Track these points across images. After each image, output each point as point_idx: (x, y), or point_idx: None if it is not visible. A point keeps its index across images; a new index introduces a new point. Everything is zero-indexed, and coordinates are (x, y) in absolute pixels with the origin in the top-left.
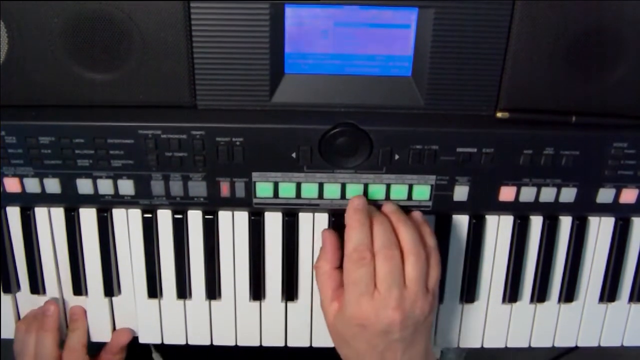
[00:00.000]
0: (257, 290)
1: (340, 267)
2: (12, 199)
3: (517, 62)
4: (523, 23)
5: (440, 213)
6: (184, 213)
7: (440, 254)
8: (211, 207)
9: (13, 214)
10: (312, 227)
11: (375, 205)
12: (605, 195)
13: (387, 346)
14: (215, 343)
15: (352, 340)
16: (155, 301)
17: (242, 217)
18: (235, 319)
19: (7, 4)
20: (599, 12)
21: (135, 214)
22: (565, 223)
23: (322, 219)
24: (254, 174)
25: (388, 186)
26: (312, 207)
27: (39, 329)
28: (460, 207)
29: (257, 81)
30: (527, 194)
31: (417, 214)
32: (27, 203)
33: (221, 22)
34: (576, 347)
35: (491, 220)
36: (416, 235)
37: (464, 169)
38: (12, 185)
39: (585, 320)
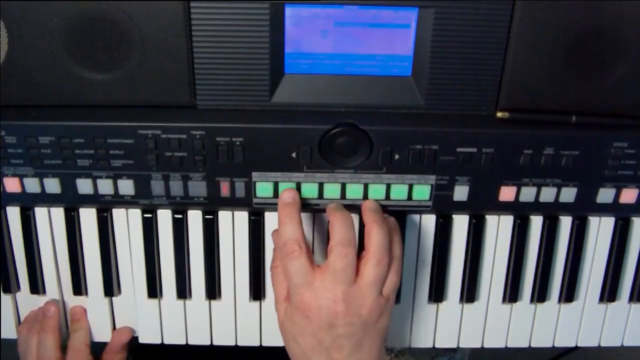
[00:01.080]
0: (257, 290)
1: None
2: (12, 199)
3: (517, 62)
4: (523, 23)
5: (440, 213)
6: (184, 213)
7: (441, 254)
8: (211, 207)
9: (13, 214)
10: (312, 227)
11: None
12: (605, 195)
13: (332, 342)
14: (215, 343)
15: (299, 336)
16: (155, 301)
17: (242, 217)
18: (235, 319)
19: (7, 4)
20: (599, 12)
21: (135, 214)
22: (566, 223)
23: (322, 219)
24: (254, 173)
25: (388, 186)
26: (312, 207)
27: (40, 330)
28: (460, 207)
29: (257, 81)
30: (527, 194)
31: (392, 220)
32: (27, 203)
33: (221, 22)
34: (576, 347)
35: (491, 220)
36: (386, 240)
37: (464, 169)
38: (12, 185)
39: (586, 320)
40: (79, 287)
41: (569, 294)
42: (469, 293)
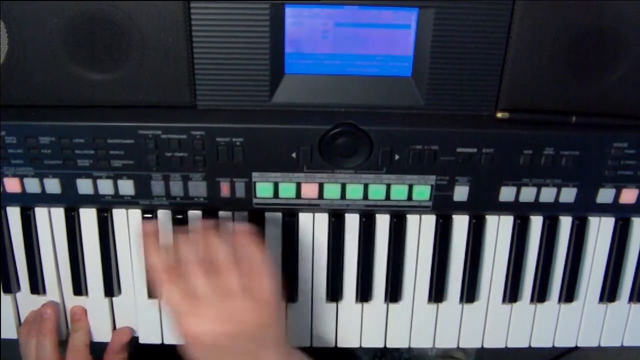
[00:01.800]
0: None
1: None
2: (12, 199)
3: (517, 62)
4: (523, 23)
5: (440, 213)
6: (184, 213)
7: (441, 254)
8: (211, 207)
9: (13, 214)
10: (312, 227)
11: (375, 205)
12: (605, 195)
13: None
14: None
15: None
16: (155, 301)
17: (242, 217)
18: None
19: (7, 4)
20: (599, 12)
21: (135, 214)
22: (565, 223)
23: (322, 219)
24: (254, 174)
25: (388, 186)
26: (312, 207)
27: (37, 332)
28: (460, 207)
29: (257, 81)
30: (527, 194)
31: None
32: (27, 203)
33: (221, 22)
34: (576, 347)
35: (491, 220)
36: (222, 249)
37: (464, 169)
38: (12, 185)
39: (586, 320)
40: (79, 287)
41: (569, 294)
42: (469, 293)
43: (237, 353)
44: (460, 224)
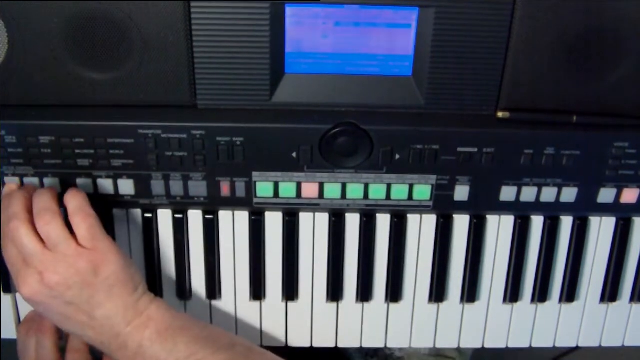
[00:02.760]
0: (257, 290)
1: None
2: None
3: (517, 61)
4: (523, 23)
5: (441, 213)
6: (184, 213)
7: (441, 254)
8: (211, 207)
9: None
10: (313, 227)
11: (376, 204)
12: (606, 195)
13: (65, 311)
14: None
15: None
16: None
17: (242, 217)
18: (235, 318)
19: (7, 4)
20: (599, 12)
21: (135, 214)
22: (566, 223)
23: (323, 219)
24: (254, 173)
25: (388, 186)
26: (312, 207)
27: (37, 331)
28: (461, 207)
29: (257, 81)
30: (528, 193)
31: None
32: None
33: (221, 22)
34: (577, 347)
35: (492, 220)
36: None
37: (464, 169)
38: (12, 185)
39: (586, 320)
40: None
41: (569, 294)
42: (470, 293)
43: (68, 302)
44: (461, 223)
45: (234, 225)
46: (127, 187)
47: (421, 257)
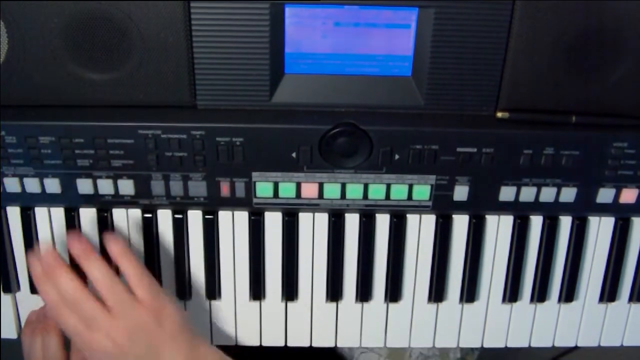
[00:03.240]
0: (257, 290)
1: None
2: (12, 199)
3: (517, 62)
4: (523, 23)
5: (440, 213)
6: (184, 213)
7: (441, 254)
8: (211, 207)
9: (13, 214)
10: (312, 227)
11: (375, 204)
12: (605, 195)
13: None
14: (215, 343)
15: None
16: None
17: (242, 217)
18: (235, 318)
19: (7, 4)
20: (598, 12)
21: (135, 214)
22: (565, 223)
23: (322, 219)
24: (254, 173)
25: (388, 186)
26: (312, 207)
27: (42, 330)
28: (461, 207)
29: (257, 81)
30: (527, 194)
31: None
32: (27, 203)
33: (221, 22)
34: (576, 347)
35: (491, 220)
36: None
37: (464, 169)
38: (12, 185)
39: (585, 320)
40: None
41: (568, 293)
42: (469, 293)
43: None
44: (460, 223)
45: (233, 226)
46: (127, 187)
47: (420, 257)
